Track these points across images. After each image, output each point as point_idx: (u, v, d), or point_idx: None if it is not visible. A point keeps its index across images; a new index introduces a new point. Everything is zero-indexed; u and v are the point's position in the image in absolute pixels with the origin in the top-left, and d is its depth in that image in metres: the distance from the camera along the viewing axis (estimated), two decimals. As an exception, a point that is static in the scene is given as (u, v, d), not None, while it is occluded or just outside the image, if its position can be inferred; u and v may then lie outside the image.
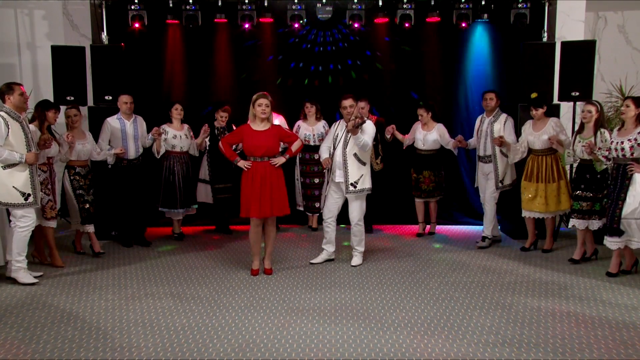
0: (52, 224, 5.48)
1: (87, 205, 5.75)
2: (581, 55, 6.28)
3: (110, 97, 6.40)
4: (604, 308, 4.45)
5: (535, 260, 5.74)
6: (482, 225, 6.39)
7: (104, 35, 6.66)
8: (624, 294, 4.77)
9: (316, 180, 6.82)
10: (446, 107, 7.32)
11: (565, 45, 6.38)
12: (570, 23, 7.03)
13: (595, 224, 5.38)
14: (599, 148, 5.16)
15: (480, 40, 7.17)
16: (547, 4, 6.62)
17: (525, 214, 5.95)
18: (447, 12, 6.86)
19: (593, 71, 6.38)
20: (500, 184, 6.10)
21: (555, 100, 6.46)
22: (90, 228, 5.83)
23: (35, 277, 5.14)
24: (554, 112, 6.34)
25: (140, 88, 6.81)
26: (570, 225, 5.53)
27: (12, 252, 5.01)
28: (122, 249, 6.23)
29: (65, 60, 6.38)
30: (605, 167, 5.28)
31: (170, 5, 6.73)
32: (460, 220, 7.29)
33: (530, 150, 5.88)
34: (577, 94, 6.25)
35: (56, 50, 6.42)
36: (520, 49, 6.48)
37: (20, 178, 4.89)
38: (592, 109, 5.33)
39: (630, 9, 7.60)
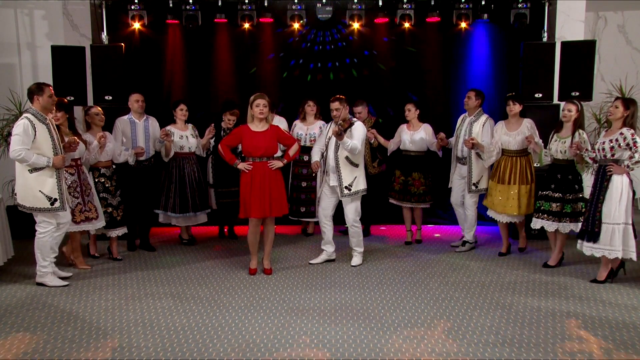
0: (85, 226, 5.38)
1: (110, 209, 5.65)
2: (581, 55, 6.28)
3: (111, 97, 6.40)
4: (604, 308, 4.46)
5: (534, 261, 5.74)
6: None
7: (104, 35, 6.66)
8: (624, 294, 4.77)
9: (304, 184, 6.62)
10: (446, 108, 7.30)
11: (565, 45, 6.38)
12: (570, 23, 7.02)
13: (567, 227, 5.31)
14: (586, 149, 5.07)
15: (480, 40, 7.15)
16: (547, 4, 6.63)
17: (497, 217, 5.81)
18: (447, 12, 6.86)
19: (593, 71, 6.38)
20: (474, 187, 5.92)
21: (555, 100, 6.46)
22: (113, 233, 5.73)
23: (64, 277, 5.13)
24: (554, 112, 6.36)
25: (141, 88, 6.75)
26: (537, 226, 5.43)
27: (37, 258, 4.96)
28: (124, 250, 6.22)
29: (65, 60, 6.38)
30: (546, 163, 5.26)
31: (170, 5, 6.73)
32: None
33: (502, 151, 5.73)
34: (577, 94, 6.24)
35: (56, 50, 6.42)
36: (521, 49, 6.48)
37: (47, 182, 4.81)
38: (573, 108, 5.26)
39: (630, 9, 7.61)
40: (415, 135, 6.25)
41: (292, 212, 6.73)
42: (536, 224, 5.46)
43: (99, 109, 5.71)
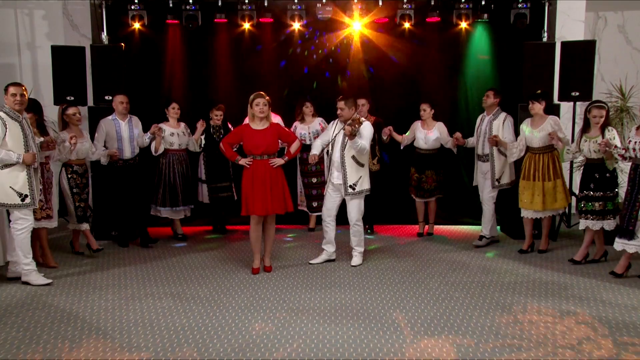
0: (45, 224, 5.41)
1: (83, 204, 5.76)
2: (581, 55, 6.28)
3: (110, 97, 6.39)
4: (604, 308, 4.46)
5: (535, 260, 5.74)
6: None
7: (104, 35, 6.66)
8: (624, 294, 4.77)
9: (314, 180, 6.78)
10: (446, 108, 7.29)
11: (565, 45, 6.38)
12: (570, 23, 7.02)
13: (612, 224, 5.35)
14: (615, 146, 5.09)
15: (480, 40, 7.16)
16: (547, 4, 6.62)
17: (524, 213, 5.92)
18: (447, 12, 6.86)
19: (593, 71, 6.38)
20: (497, 183, 6.06)
21: (555, 100, 6.45)
22: (85, 226, 5.82)
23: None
24: (554, 112, 6.35)
25: (140, 88, 6.80)
26: (582, 227, 5.49)
27: (19, 256, 4.97)
28: (121, 249, 6.23)
29: (65, 60, 6.38)
30: (568, 160, 5.33)
31: (170, 5, 6.73)
32: (460, 220, 7.28)
33: (527, 149, 5.84)
34: (577, 94, 6.24)
35: (56, 50, 6.41)
36: (521, 49, 6.47)
37: (18, 178, 4.85)
38: (604, 113, 5.24)
39: (630, 9, 7.60)
40: (429, 135, 6.44)
41: (308, 208, 6.87)
42: (582, 224, 5.51)
43: (76, 108, 5.75)
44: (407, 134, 6.61)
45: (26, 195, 4.89)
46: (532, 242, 6.04)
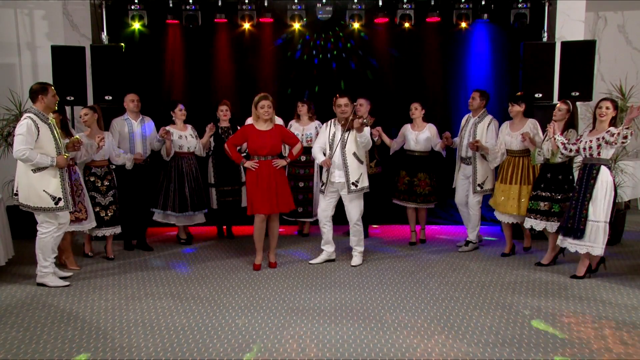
0: (73, 227, 5.36)
1: (98, 209, 5.62)
2: (581, 55, 6.28)
3: (111, 97, 6.40)
4: (604, 308, 4.46)
5: (535, 261, 5.74)
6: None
7: (104, 35, 6.66)
8: (624, 294, 4.78)
9: (301, 184, 6.62)
10: (446, 108, 7.31)
11: (565, 45, 6.38)
12: (570, 23, 7.02)
13: (554, 226, 5.33)
14: (560, 134, 5.13)
15: (480, 40, 7.16)
16: (547, 4, 6.63)
17: (499, 217, 5.82)
18: (447, 12, 6.86)
19: (593, 71, 6.38)
20: (479, 188, 5.94)
21: (555, 100, 6.45)
22: (99, 232, 5.68)
23: (64, 277, 5.12)
24: (552, 112, 6.36)
25: (140, 88, 6.77)
26: (527, 225, 5.48)
27: (38, 258, 4.95)
28: (121, 250, 6.22)
29: (65, 60, 6.38)
30: (539, 162, 5.41)
31: (170, 5, 6.73)
32: (460, 220, 7.26)
33: (507, 152, 5.74)
34: (577, 94, 6.24)
35: (56, 50, 6.41)
36: (520, 49, 6.48)
37: (51, 182, 4.81)
38: (563, 107, 5.29)
39: (630, 9, 7.61)
40: (420, 135, 6.25)
41: (290, 213, 6.73)
42: (527, 223, 5.49)
43: (85, 110, 5.64)
44: (396, 138, 6.40)
45: (60, 199, 4.84)
46: (514, 246, 5.95)
